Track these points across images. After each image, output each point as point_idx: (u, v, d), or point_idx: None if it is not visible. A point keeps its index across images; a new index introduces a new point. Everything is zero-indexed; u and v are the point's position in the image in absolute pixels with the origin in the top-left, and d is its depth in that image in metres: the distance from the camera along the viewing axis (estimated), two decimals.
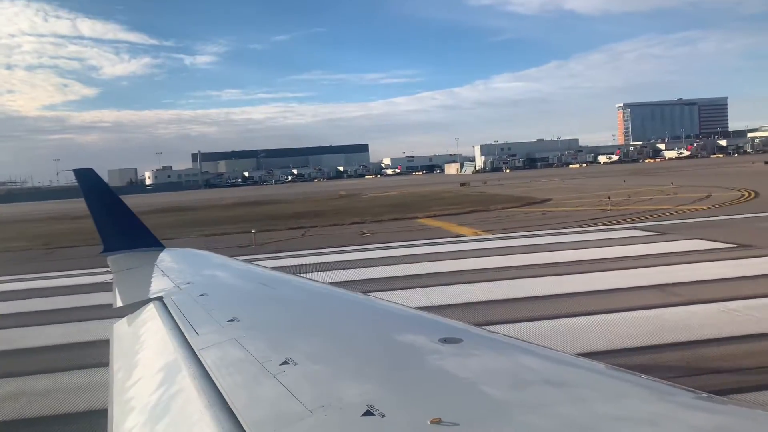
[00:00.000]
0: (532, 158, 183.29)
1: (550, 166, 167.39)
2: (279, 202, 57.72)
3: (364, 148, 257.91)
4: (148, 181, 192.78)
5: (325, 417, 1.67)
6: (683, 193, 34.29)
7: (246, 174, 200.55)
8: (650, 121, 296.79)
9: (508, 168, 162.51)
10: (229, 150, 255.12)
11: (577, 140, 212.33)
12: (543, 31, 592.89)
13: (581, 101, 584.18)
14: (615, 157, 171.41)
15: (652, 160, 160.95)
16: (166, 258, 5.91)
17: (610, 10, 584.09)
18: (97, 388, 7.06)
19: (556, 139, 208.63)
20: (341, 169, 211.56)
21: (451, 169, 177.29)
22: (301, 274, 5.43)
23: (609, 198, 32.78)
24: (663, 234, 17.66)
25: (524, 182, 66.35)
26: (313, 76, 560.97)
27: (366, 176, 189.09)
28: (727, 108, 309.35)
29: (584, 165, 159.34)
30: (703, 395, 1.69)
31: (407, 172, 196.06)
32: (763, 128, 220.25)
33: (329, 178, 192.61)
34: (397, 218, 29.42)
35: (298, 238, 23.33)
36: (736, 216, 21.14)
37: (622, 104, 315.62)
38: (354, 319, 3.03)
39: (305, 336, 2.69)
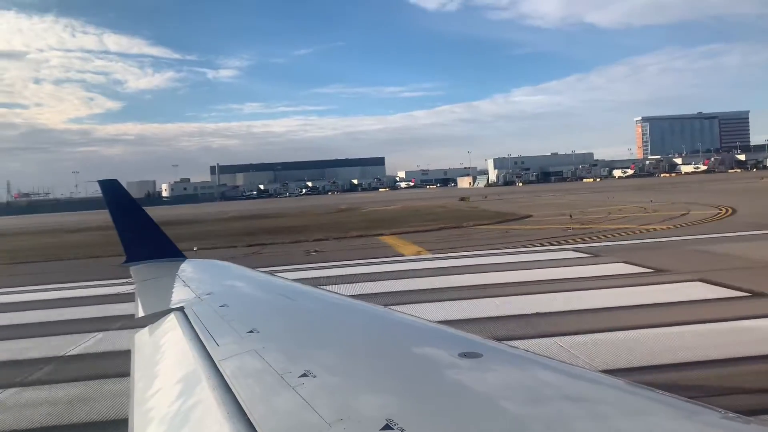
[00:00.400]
0: (546, 172, 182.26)
1: (564, 180, 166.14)
2: (278, 216, 57.38)
3: (380, 161, 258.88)
4: (164, 194, 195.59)
5: (343, 431, 1.63)
6: (664, 210, 33.74)
7: (261, 186, 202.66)
8: (669, 134, 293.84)
9: (521, 182, 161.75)
10: (248, 163, 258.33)
11: (591, 154, 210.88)
12: (563, 44, 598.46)
13: (603, 115, 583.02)
14: (630, 172, 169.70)
15: (667, 175, 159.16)
16: (187, 268, 5.88)
17: (632, 23, 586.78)
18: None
19: (570, 153, 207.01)
20: (356, 182, 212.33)
21: (464, 182, 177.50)
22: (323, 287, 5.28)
23: (571, 216, 32.45)
24: (594, 256, 17.05)
25: (525, 197, 65.67)
26: (333, 89, 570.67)
27: (380, 189, 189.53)
28: (748, 122, 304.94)
29: (598, 179, 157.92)
30: (730, 414, 1.63)
31: (421, 185, 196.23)
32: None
33: (343, 191, 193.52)
34: (363, 235, 28.57)
35: (246, 256, 22.46)
36: (688, 237, 20.55)
37: (640, 117, 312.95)
38: (374, 332, 2.98)
39: (325, 348, 2.64)
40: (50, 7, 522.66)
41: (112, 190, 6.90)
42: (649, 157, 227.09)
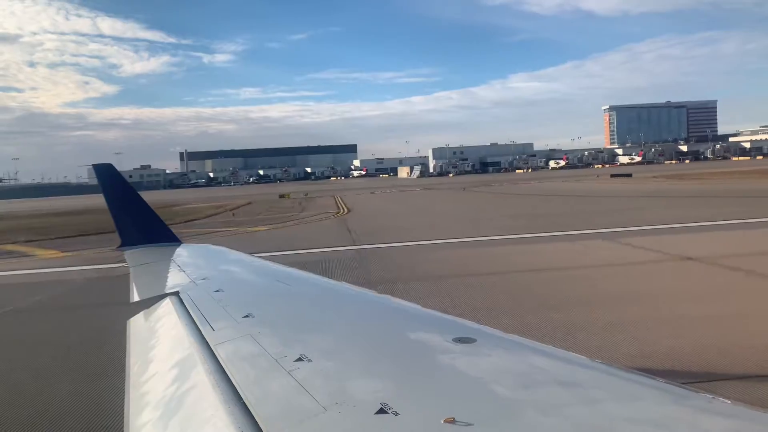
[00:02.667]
0: (485, 162, 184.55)
1: (500, 170, 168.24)
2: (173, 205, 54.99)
3: (352, 149, 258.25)
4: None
5: (338, 414, 1.64)
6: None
7: (211, 174, 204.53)
8: (636, 123, 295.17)
9: (452, 173, 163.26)
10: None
11: (531, 145, 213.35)
12: (560, 31, 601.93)
13: (599, 101, 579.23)
14: (562, 163, 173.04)
15: (601, 166, 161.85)
16: (182, 253, 5.90)
17: (628, 10, 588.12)
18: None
19: (509, 143, 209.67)
20: (309, 170, 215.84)
21: (403, 172, 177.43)
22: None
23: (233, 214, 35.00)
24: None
25: (364, 191, 67.52)
26: (330, 75, 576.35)
27: (331, 178, 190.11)
28: (716, 111, 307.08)
29: (529, 170, 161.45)
30: (720, 399, 1.65)
31: (375, 174, 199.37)
32: (745, 133, 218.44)
33: (296, 179, 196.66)
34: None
35: None
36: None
37: (608, 106, 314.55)
38: (368, 317, 3.01)
39: (320, 333, 2.66)
40: None
41: (107, 174, 6.85)
42: (617, 146, 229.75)
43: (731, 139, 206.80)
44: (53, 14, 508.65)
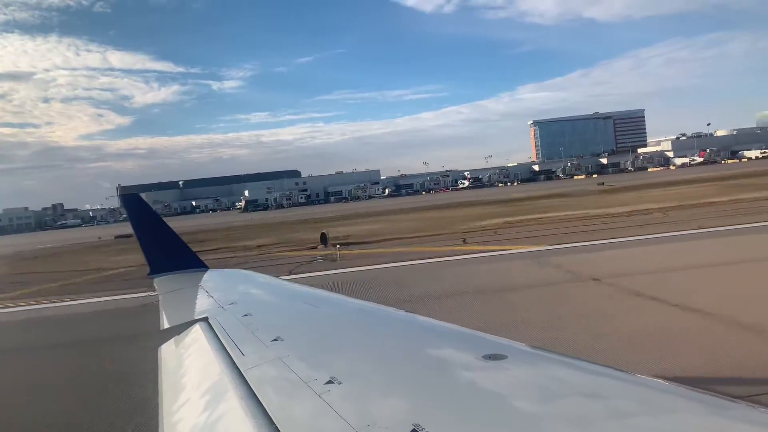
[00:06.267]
0: (328, 192, 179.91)
1: (342, 200, 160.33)
2: None
3: (295, 174, 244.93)
4: None
5: None
6: None
7: (91, 213, 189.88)
8: (560, 137, 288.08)
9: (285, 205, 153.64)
10: (155, 182, 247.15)
11: (378, 172, 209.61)
12: (564, 40, 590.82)
13: (609, 108, 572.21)
14: (466, 183, 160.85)
15: (501, 185, 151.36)
16: (210, 278, 5.99)
17: (632, 15, 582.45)
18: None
19: (352, 171, 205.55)
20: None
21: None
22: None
23: None
24: None
25: None
26: (338, 96, 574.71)
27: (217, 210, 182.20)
28: (644, 120, 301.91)
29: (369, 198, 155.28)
30: (760, 409, 1.58)
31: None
32: (652, 143, 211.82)
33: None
34: None
35: None
36: None
37: (531, 121, 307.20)
38: (397, 337, 2.98)
39: (349, 354, 2.65)
40: (52, 27, 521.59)
41: (134, 204, 7.04)
42: (544, 160, 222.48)
43: (640, 150, 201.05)
44: (64, 50, 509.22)
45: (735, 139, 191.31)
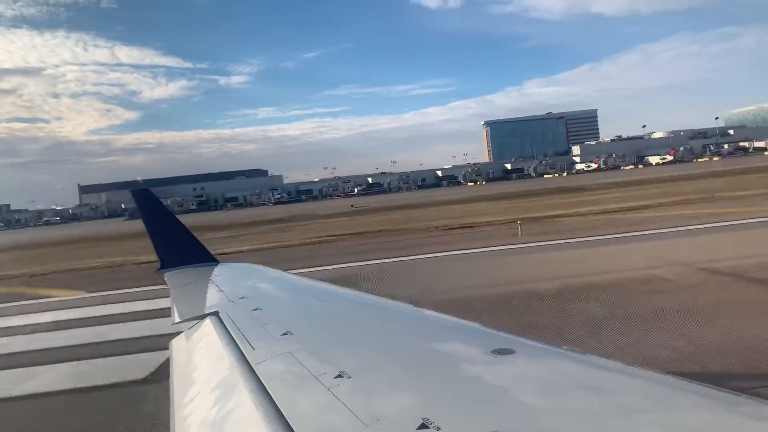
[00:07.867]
0: (227, 198, 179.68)
1: (242, 206, 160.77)
2: None
3: (262, 173, 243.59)
4: None
5: (380, 431, 1.64)
6: None
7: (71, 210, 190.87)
8: (511, 138, 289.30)
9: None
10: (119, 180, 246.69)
11: (281, 177, 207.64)
12: (571, 35, 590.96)
13: (617, 103, 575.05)
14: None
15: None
16: (220, 273, 6.05)
17: (639, 10, 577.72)
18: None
19: (244, 177, 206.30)
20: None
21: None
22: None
23: None
24: None
25: None
26: (345, 91, 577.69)
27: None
28: (596, 120, 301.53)
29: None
30: None
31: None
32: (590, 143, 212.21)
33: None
34: None
35: None
36: None
37: (483, 122, 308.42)
38: (405, 331, 2.97)
39: (358, 348, 2.65)
40: (60, 23, 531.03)
41: (144, 199, 7.11)
42: (494, 161, 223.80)
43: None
44: (72, 46, 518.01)
45: (646, 143, 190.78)
